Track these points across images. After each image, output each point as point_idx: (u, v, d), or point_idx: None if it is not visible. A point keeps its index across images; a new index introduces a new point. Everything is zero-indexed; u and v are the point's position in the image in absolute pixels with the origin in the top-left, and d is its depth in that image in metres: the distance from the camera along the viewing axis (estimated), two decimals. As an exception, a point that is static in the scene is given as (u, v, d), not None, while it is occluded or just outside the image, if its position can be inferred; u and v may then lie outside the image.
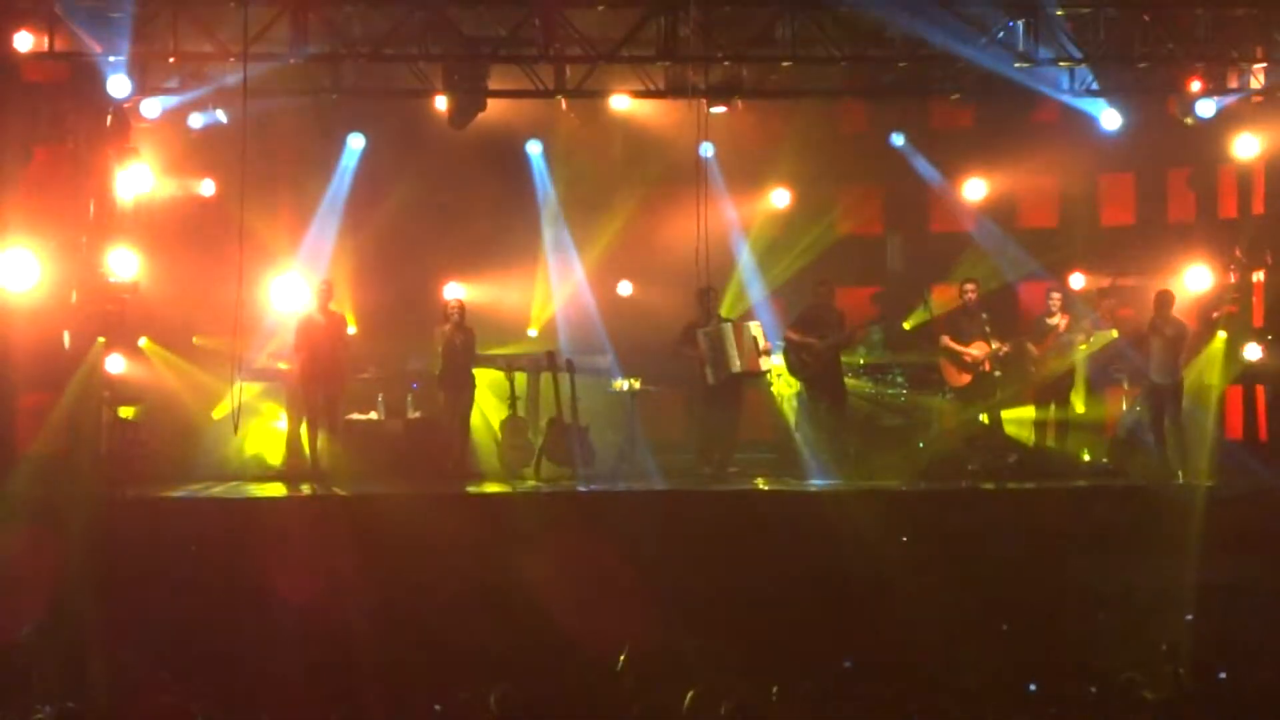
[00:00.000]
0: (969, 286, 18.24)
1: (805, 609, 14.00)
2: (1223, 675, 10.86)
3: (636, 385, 18.30)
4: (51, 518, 14.73)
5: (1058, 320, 18.21)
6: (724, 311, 18.50)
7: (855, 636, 12.97)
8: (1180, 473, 16.87)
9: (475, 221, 20.13)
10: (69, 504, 14.97)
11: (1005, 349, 17.93)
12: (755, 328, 18.02)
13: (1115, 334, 18.43)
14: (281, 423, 18.12)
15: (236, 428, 16.78)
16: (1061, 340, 18.15)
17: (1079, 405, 18.46)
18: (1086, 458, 18.12)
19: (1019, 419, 18.32)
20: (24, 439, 15.88)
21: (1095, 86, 17.22)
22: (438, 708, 10.94)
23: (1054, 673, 11.18)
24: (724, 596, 14.39)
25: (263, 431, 18.24)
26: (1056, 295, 18.36)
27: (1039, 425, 18.15)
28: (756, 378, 18.18)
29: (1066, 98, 17.46)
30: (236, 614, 14.16)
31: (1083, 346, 18.24)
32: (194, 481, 16.84)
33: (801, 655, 12.26)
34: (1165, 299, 17.51)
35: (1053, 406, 18.21)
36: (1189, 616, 13.13)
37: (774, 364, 18.33)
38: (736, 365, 17.76)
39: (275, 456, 17.97)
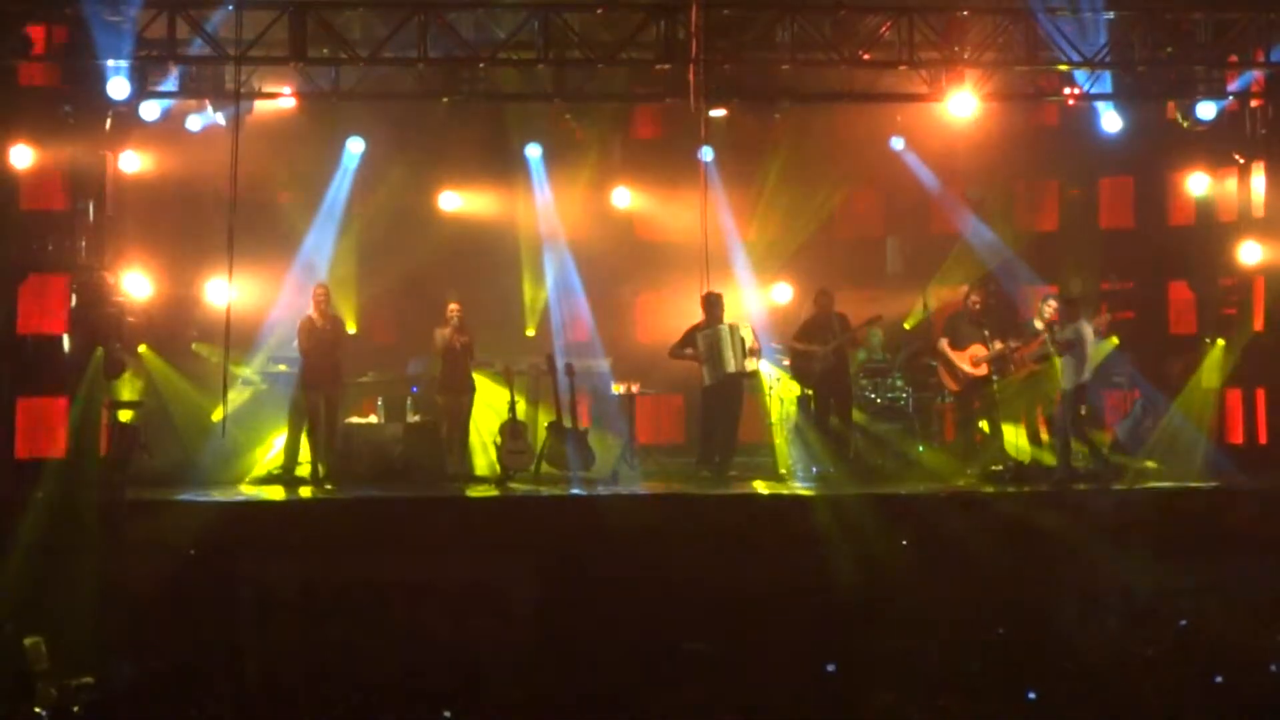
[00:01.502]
0: (974, 298, 18.21)
1: (804, 612, 14.02)
2: (1219, 679, 10.89)
3: (635, 388, 18.33)
4: (51, 521, 14.76)
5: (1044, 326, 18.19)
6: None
7: (853, 639, 12.99)
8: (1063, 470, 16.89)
9: (475, 224, 20.13)
10: (69, 507, 14.98)
11: (999, 350, 17.94)
12: (746, 329, 18.07)
13: (1115, 341, 18.43)
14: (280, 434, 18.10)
15: (224, 432, 16.80)
16: (1045, 347, 18.11)
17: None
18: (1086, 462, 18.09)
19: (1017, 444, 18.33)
20: (22, 442, 15.88)
21: (1098, 89, 17.20)
22: (447, 714, 10.96)
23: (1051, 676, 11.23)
24: (723, 599, 14.40)
25: (262, 434, 18.22)
26: (1051, 302, 18.30)
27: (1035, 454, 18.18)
28: (749, 377, 18.22)
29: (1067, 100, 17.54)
30: (236, 617, 14.18)
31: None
32: (194, 484, 16.82)
33: (800, 657, 12.29)
34: (1064, 306, 17.45)
35: (1043, 431, 18.23)
36: (1183, 622, 13.14)
37: (763, 366, 18.36)
38: (730, 366, 17.84)
39: (275, 460, 17.95)
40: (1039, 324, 18.20)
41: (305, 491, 17.05)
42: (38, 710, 11.72)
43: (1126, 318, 18.88)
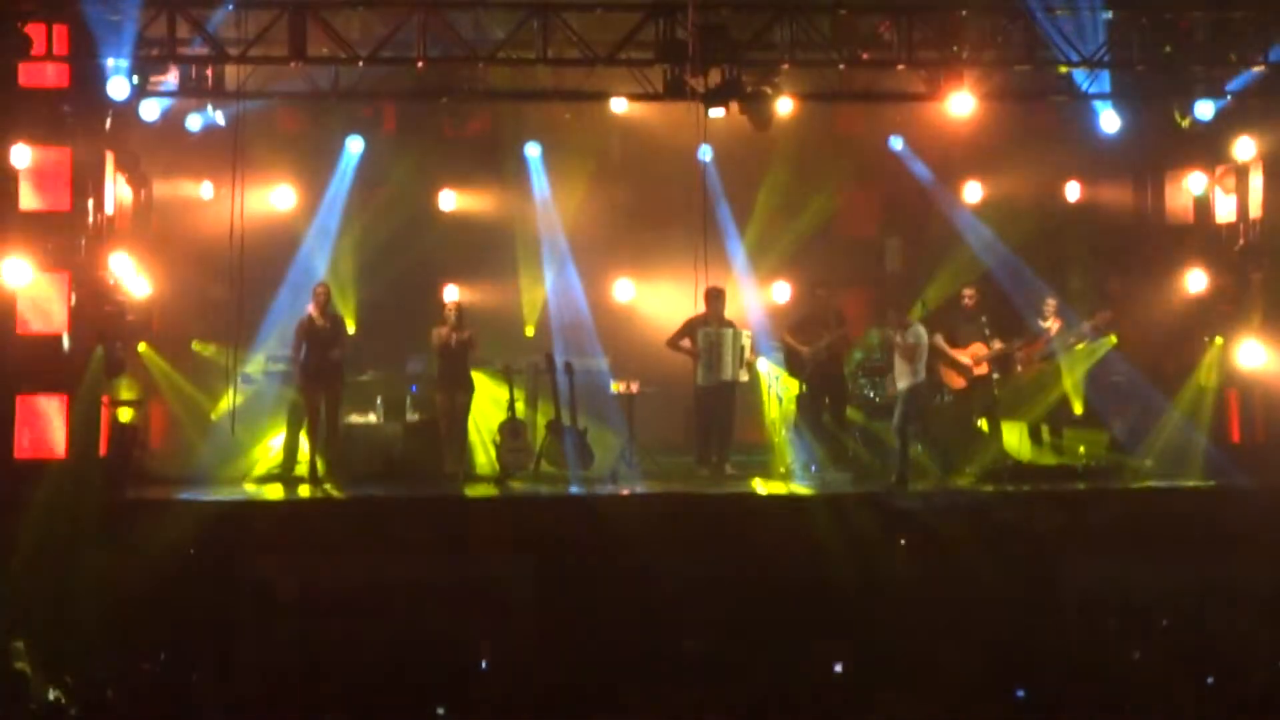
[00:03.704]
0: (968, 292, 18.31)
1: (801, 611, 14.04)
2: (1210, 680, 10.89)
3: (634, 387, 18.34)
4: (51, 521, 14.77)
5: (1050, 324, 18.26)
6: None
7: (851, 638, 13.01)
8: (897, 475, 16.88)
9: (473, 223, 20.14)
10: (69, 507, 15.00)
11: (1002, 349, 17.98)
12: (746, 337, 18.15)
13: (1113, 340, 18.44)
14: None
15: (233, 429, 16.82)
16: (1052, 345, 18.19)
17: (1076, 407, 18.48)
18: (1082, 463, 18.12)
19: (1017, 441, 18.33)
20: (22, 441, 15.88)
21: (1095, 89, 17.20)
22: (440, 710, 10.98)
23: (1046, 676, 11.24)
24: (723, 598, 14.42)
25: (261, 433, 18.23)
26: (1051, 301, 18.43)
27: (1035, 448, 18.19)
28: (741, 385, 18.28)
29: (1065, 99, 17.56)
30: (236, 616, 14.21)
31: (1080, 348, 18.30)
32: (193, 484, 16.83)
33: (797, 657, 12.31)
34: (903, 307, 17.44)
35: (1046, 430, 18.26)
36: (1164, 622, 13.17)
37: (762, 365, 18.42)
38: (727, 374, 17.96)
39: (274, 459, 17.97)
40: (1043, 324, 18.28)
41: (304, 490, 17.07)
42: (33, 708, 11.74)
43: (1112, 319, 18.80)
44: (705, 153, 18.39)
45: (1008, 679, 11.19)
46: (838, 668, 11.89)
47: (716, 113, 16.80)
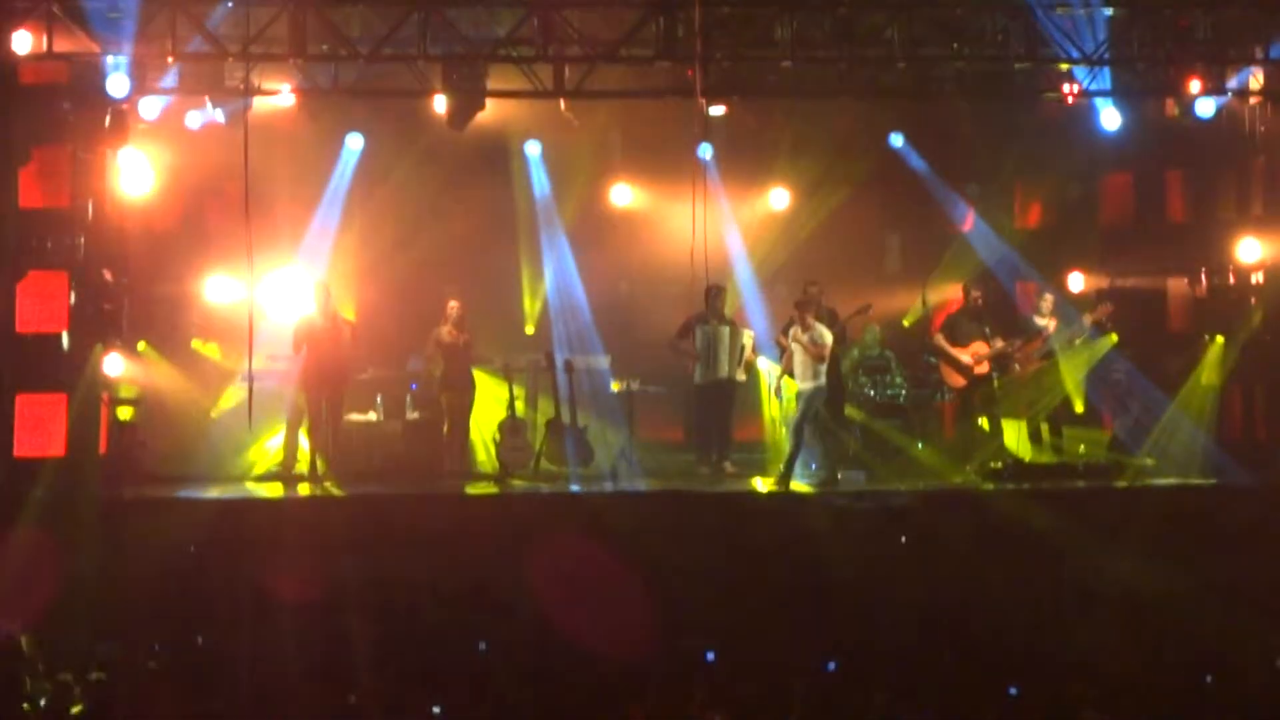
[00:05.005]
0: (976, 294, 18.27)
1: (801, 609, 14.03)
2: (1208, 679, 10.88)
3: (634, 385, 18.34)
4: (51, 519, 14.77)
5: (1046, 322, 18.25)
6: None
7: (850, 637, 13.00)
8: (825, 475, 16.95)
9: (473, 222, 20.14)
10: (68, 505, 15.00)
11: (1003, 347, 17.98)
12: (748, 336, 18.16)
13: (1114, 338, 18.44)
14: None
15: (251, 422, 16.81)
16: (1050, 343, 18.18)
17: (1077, 406, 18.49)
18: (1082, 462, 18.12)
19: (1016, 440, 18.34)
20: (21, 439, 15.88)
21: (1095, 86, 17.20)
22: (436, 709, 10.97)
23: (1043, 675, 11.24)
24: (720, 597, 14.42)
25: (261, 432, 18.23)
26: (1049, 297, 18.42)
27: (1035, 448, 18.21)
28: (739, 384, 18.27)
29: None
30: (236, 614, 14.19)
31: (1079, 345, 18.28)
32: (193, 482, 16.83)
33: (796, 656, 12.30)
34: (806, 305, 17.39)
35: (1045, 429, 18.26)
36: (1162, 621, 13.14)
37: (762, 363, 18.41)
38: (723, 372, 17.99)
39: (274, 457, 17.97)
40: (1040, 321, 18.26)
41: (304, 489, 17.07)
42: (26, 708, 11.73)
43: (1113, 313, 18.81)
44: (705, 150, 18.37)
45: (1003, 677, 11.18)
46: (831, 666, 11.87)
47: (717, 110, 16.83)
